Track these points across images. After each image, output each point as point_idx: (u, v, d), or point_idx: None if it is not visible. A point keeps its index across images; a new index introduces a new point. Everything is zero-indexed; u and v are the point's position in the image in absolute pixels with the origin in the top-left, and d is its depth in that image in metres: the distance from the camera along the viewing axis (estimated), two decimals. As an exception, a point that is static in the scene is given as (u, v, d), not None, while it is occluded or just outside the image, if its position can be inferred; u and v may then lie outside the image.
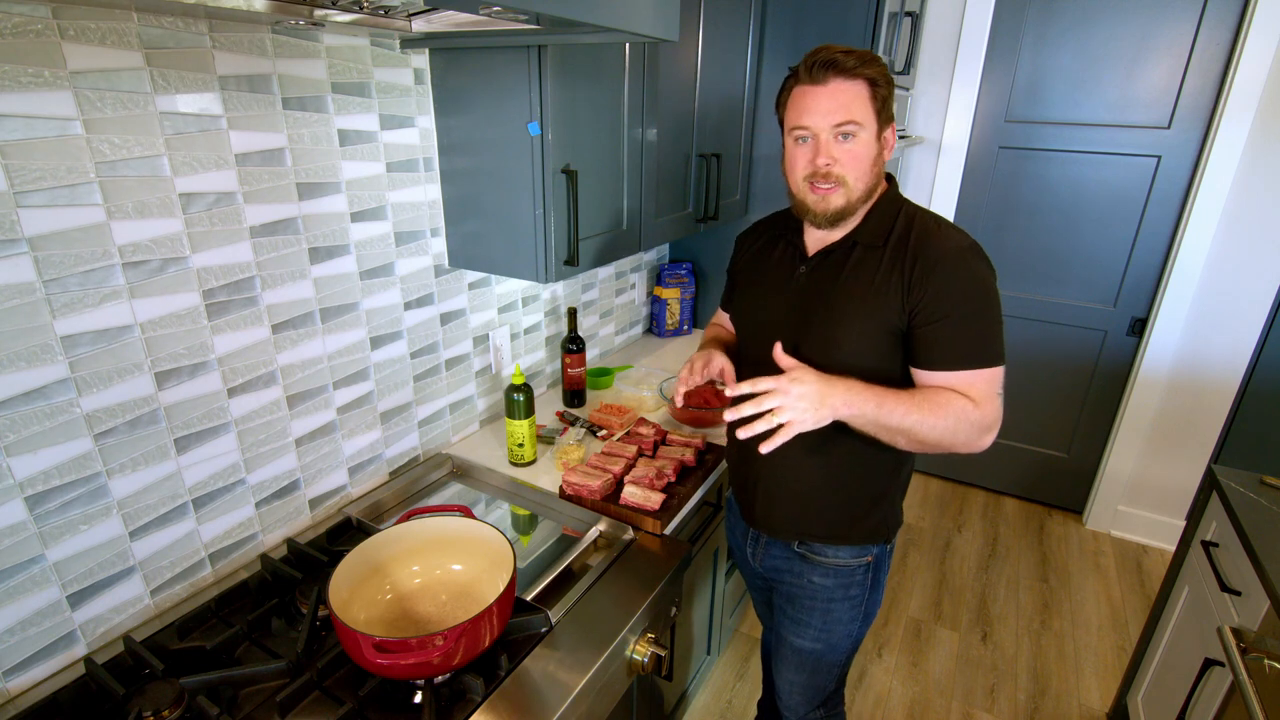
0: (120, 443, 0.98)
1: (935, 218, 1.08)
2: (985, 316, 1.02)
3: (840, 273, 1.08)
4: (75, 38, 0.84)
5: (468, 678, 0.93)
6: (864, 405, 0.98)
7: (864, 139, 1.01)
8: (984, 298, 1.02)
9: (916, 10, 2.29)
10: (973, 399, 1.01)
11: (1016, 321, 2.74)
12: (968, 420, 1.01)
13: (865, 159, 1.02)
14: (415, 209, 1.39)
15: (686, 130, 1.73)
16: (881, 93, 1.00)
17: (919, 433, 1.00)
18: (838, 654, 1.28)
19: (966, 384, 1.02)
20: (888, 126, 1.04)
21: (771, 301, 1.17)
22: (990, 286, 1.02)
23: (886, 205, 1.08)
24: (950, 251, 1.01)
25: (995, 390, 1.04)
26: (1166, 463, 2.59)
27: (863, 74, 0.99)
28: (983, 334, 1.02)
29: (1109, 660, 2.14)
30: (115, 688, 0.89)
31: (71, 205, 0.87)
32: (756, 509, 1.25)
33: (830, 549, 1.19)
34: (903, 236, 1.05)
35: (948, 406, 1.01)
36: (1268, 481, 1.44)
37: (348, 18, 1.01)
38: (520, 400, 1.46)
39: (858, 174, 1.03)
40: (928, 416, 1.00)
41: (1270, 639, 1.15)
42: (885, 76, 1.01)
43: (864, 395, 0.99)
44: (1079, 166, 2.47)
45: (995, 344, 1.03)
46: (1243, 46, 2.08)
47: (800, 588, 1.25)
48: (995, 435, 1.04)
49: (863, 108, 1.00)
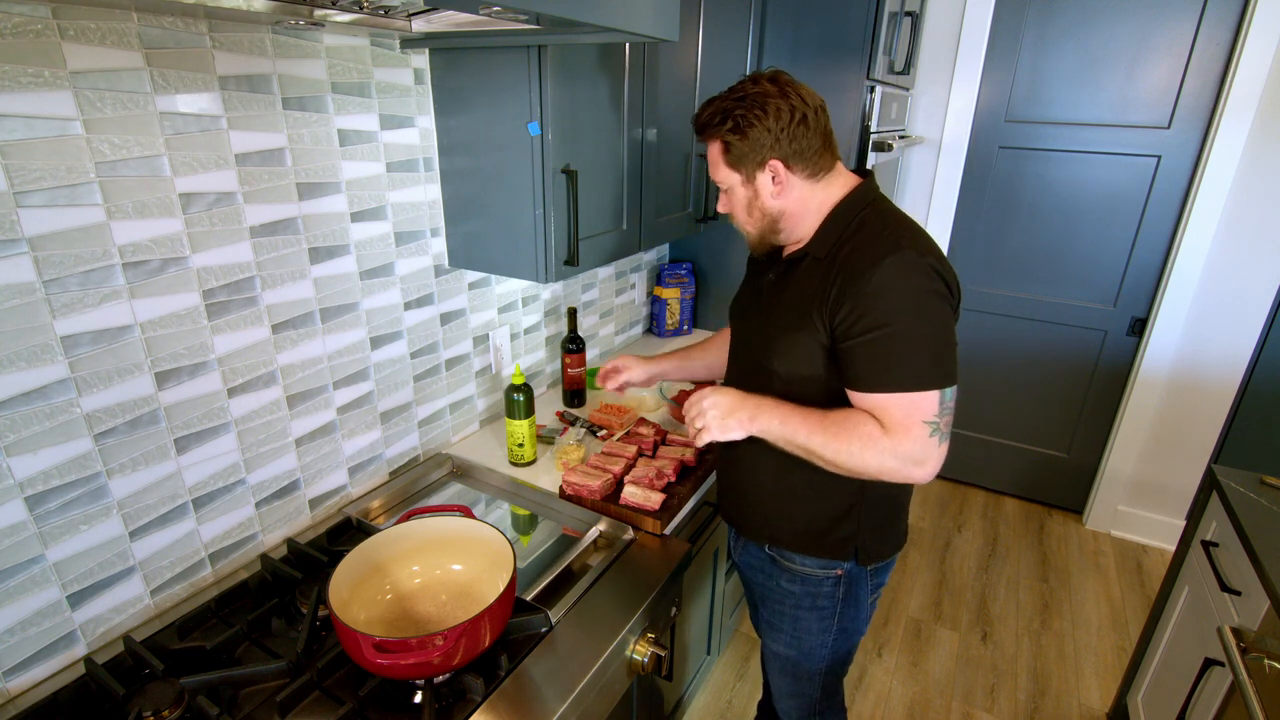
0: (120, 443, 0.98)
1: (885, 224, 1.00)
2: (905, 337, 0.93)
3: (788, 283, 1.08)
4: (75, 38, 0.84)
5: (468, 678, 0.93)
6: (768, 421, 1.03)
7: (736, 192, 1.07)
8: (906, 314, 0.93)
9: (916, 10, 2.29)
10: (885, 424, 0.95)
11: (1016, 321, 2.74)
12: (876, 447, 0.95)
13: (740, 208, 1.09)
14: (415, 209, 1.39)
15: (686, 130, 1.73)
16: (738, 149, 1.02)
17: (824, 454, 0.99)
18: (815, 663, 1.27)
19: (880, 408, 0.96)
20: (759, 170, 1.03)
21: (746, 306, 1.20)
22: (918, 302, 0.93)
23: (841, 214, 1.04)
24: (870, 266, 0.94)
25: (919, 418, 0.94)
26: (1166, 463, 2.59)
27: (712, 136, 1.04)
28: (899, 355, 0.93)
29: (1109, 660, 2.14)
30: (115, 688, 0.89)
31: (71, 205, 0.87)
32: (729, 508, 1.28)
33: (797, 556, 1.18)
34: (842, 246, 1.00)
35: (854, 431, 0.96)
36: (1268, 481, 1.44)
37: (348, 18, 1.01)
38: (520, 400, 1.45)
39: (743, 220, 1.10)
40: (830, 440, 0.97)
41: (1270, 639, 1.15)
42: (737, 130, 1.00)
43: (771, 413, 1.04)
44: (1079, 166, 2.47)
45: (915, 367, 0.93)
46: (1243, 46, 2.09)
47: (771, 590, 1.25)
48: (930, 469, 0.95)
49: (720, 169, 1.07)
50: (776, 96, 0.98)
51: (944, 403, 0.95)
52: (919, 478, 0.97)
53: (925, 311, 0.94)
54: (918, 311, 0.94)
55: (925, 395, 0.94)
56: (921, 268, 0.94)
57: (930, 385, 0.94)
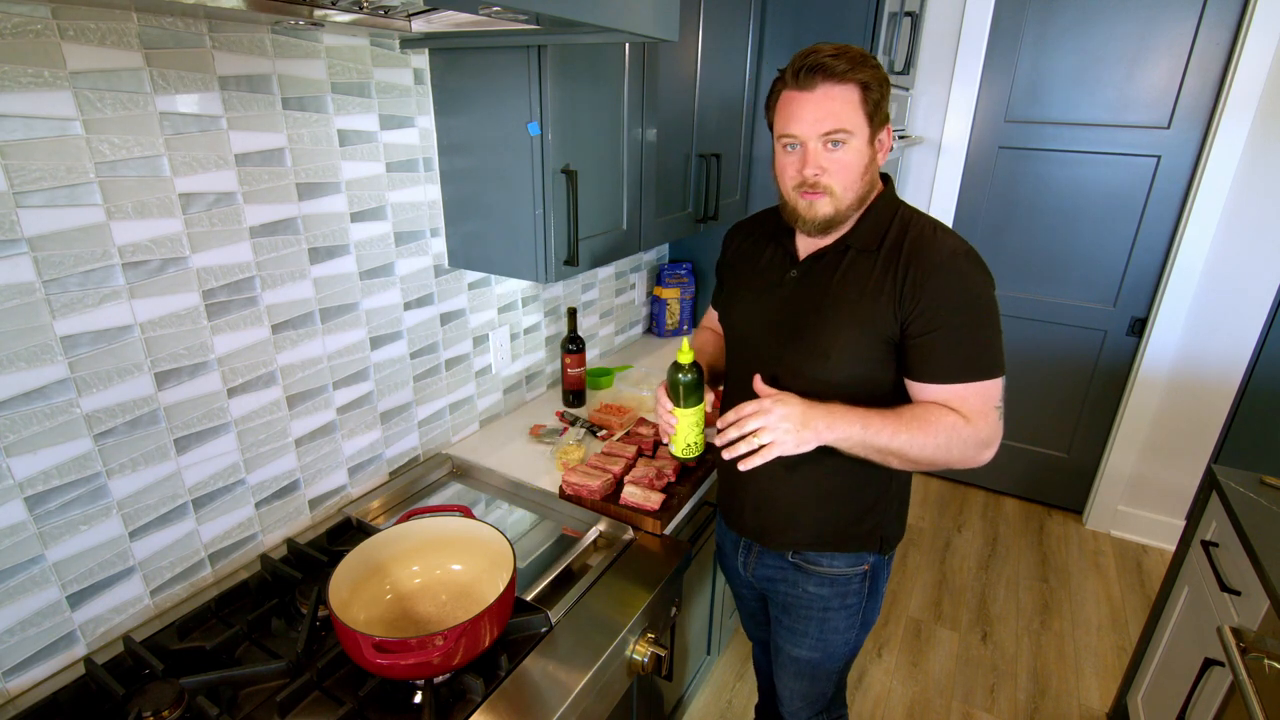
0: (120, 443, 0.98)
1: (932, 222, 1.03)
2: (981, 327, 0.98)
3: (831, 278, 1.04)
4: (75, 38, 0.84)
5: (468, 678, 0.93)
6: (849, 428, 0.96)
7: (855, 146, 0.96)
8: (980, 308, 0.97)
9: (916, 10, 2.29)
10: (965, 414, 0.98)
11: (1017, 321, 2.74)
12: (960, 437, 0.97)
13: (855, 167, 0.97)
14: (415, 209, 1.39)
15: (686, 130, 1.73)
16: (874, 96, 0.94)
17: (909, 453, 0.97)
18: (836, 661, 1.27)
19: (960, 398, 0.98)
20: (882, 129, 0.98)
21: (760, 307, 1.12)
22: (987, 296, 0.98)
23: (882, 208, 1.03)
24: (945, 259, 0.97)
25: (992, 404, 0.99)
26: (1166, 463, 2.59)
27: (853, 78, 0.93)
28: (978, 346, 0.98)
29: (1109, 660, 2.14)
30: (115, 688, 0.89)
31: (71, 205, 0.87)
32: (747, 519, 1.21)
33: (825, 558, 1.16)
34: (897, 242, 1.00)
35: (938, 424, 0.97)
36: (1268, 481, 1.44)
37: (347, 18, 1.01)
38: (689, 380, 1.06)
39: (846, 183, 0.98)
40: (917, 435, 0.97)
41: (1270, 639, 1.15)
42: (879, 78, 0.95)
43: (848, 418, 0.96)
44: (1079, 166, 2.47)
45: (991, 356, 0.99)
46: (1242, 46, 2.08)
47: (796, 597, 1.21)
48: (995, 450, 1.01)
49: (853, 114, 0.94)
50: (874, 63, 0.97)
51: (1004, 387, 1.01)
52: (987, 459, 1.01)
53: (991, 304, 0.99)
54: (987, 304, 0.98)
55: (995, 382, 1.00)
56: (982, 264, 0.99)
57: (998, 373, 1.00)
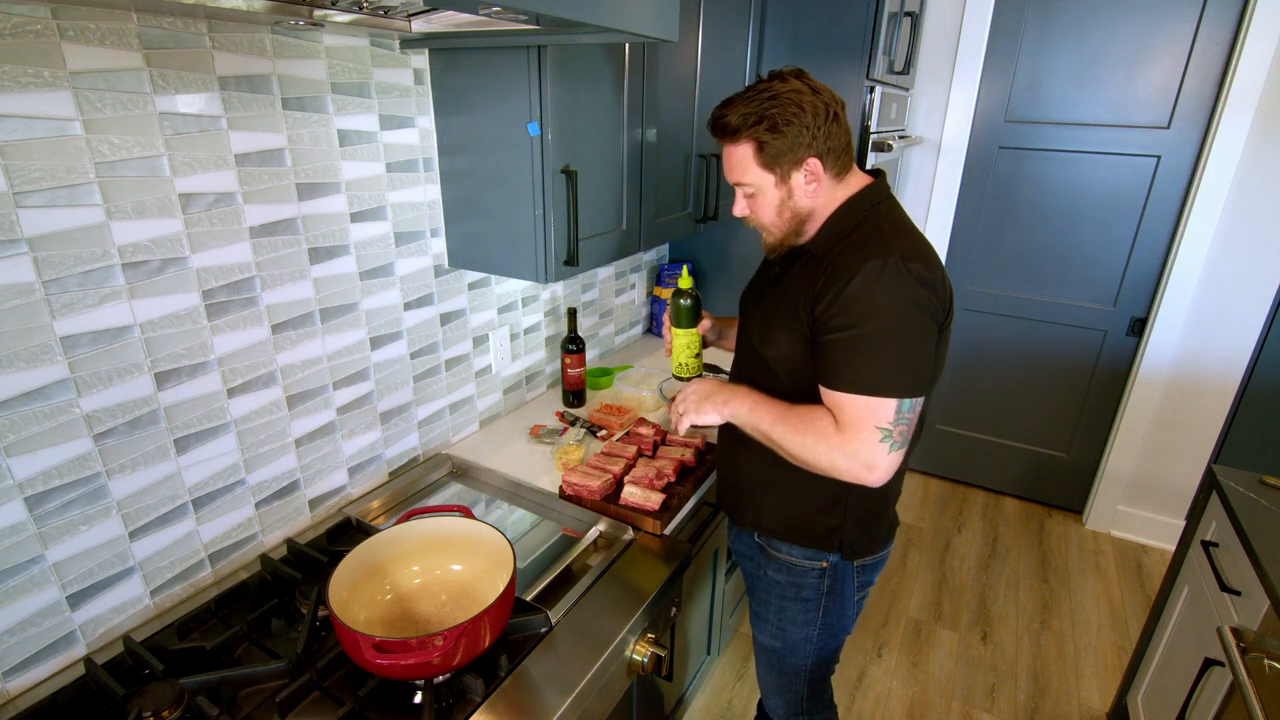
0: (120, 443, 0.98)
1: (881, 227, 1.00)
2: (874, 339, 0.94)
3: (787, 277, 1.10)
4: (75, 38, 0.83)
5: (468, 678, 0.93)
6: (739, 407, 1.09)
7: (763, 192, 1.03)
8: (880, 319, 0.94)
9: (916, 10, 2.29)
10: (840, 423, 0.97)
11: (1016, 321, 2.74)
12: (826, 443, 0.97)
13: (769, 209, 1.05)
14: (415, 209, 1.39)
15: (686, 130, 1.73)
16: (772, 149, 0.98)
17: (783, 444, 1.03)
18: (800, 658, 1.28)
19: (837, 406, 0.98)
20: (796, 169, 1.01)
21: (752, 296, 1.23)
22: (895, 311, 0.94)
23: (844, 215, 1.04)
24: (857, 264, 0.95)
25: (871, 423, 0.95)
26: (1166, 463, 2.59)
27: (746, 137, 0.99)
28: (867, 358, 0.95)
29: (1109, 660, 2.14)
30: (115, 688, 0.89)
31: (71, 205, 0.87)
32: (724, 496, 1.31)
33: (784, 545, 1.20)
34: (838, 245, 1.01)
35: (810, 424, 1.00)
36: (1268, 481, 1.44)
37: (347, 18, 1.01)
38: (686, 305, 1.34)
39: (768, 222, 1.07)
40: (789, 431, 1.02)
41: (1270, 639, 1.15)
42: (774, 130, 0.97)
43: (742, 400, 1.09)
44: (1079, 166, 2.47)
45: (880, 374, 0.94)
46: (1242, 46, 2.09)
47: (759, 579, 1.28)
48: (880, 473, 0.97)
49: (749, 169, 1.02)
50: (810, 94, 0.98)
51: (901, 412, 0.95)
52: (869, 481, 0.98)
53: (899, 319, 0.94)
54: (891, 318, 0.94)
55: (882, 401, 0.95)
56: (905, 275, 0.94)
57: (888, 393, 0.94)
